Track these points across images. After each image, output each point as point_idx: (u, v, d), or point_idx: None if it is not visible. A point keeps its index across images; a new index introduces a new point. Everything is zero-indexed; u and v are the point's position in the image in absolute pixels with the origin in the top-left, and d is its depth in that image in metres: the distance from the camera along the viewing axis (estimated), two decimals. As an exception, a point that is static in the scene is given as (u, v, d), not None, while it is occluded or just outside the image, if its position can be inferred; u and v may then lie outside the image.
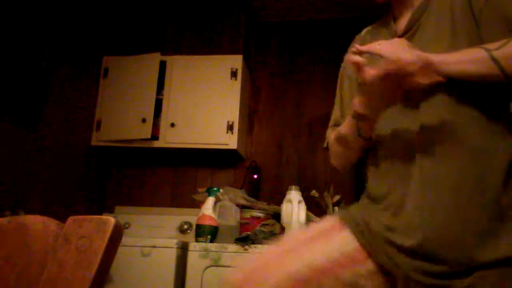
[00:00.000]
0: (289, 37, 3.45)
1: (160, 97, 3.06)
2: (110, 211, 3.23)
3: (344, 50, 1.22)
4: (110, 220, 0.68)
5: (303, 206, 2.53)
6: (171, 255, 2.48)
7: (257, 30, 3.48)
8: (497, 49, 0.94)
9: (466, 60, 0.96)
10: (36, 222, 0.74)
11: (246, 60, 3.18)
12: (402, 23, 1.15)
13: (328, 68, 3.28)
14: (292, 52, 3.42)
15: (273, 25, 3.49)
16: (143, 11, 3.32)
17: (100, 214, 3.07)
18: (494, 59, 0.93)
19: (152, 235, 2.87)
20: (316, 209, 2.80)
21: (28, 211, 2.41)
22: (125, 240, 1.96)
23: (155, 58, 3.07)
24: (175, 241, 2.53)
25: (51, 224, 0.73)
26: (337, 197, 2.78)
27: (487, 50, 0.94)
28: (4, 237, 0.75)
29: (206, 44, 3.15)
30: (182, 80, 3.08)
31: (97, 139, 3.09)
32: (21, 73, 2.50)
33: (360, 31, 1.33)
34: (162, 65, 3.09)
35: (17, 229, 0.75)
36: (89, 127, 3.09)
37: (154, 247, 2.51)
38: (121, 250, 0.72)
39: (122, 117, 3.05)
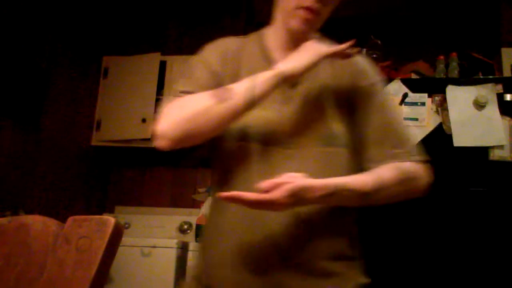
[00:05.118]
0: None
1: (160, 97, 3.05)
2: (110, 211, 3.23)
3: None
4: (110, 220, 0.68)
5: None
6: (171, 255, 2.48)
7: (257, 31, 3.47)
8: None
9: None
10: (36, 222, 0.74)
11: (246, 60, 3.18)
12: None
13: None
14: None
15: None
16: (143, 11, 3.31)
17: (100, 214, 3.07)
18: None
19: (152, 235, 2.87)
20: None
21: (28, 211, 2.41)
22: (125, 240, 1.96)
23: (155, 58, 3.07)
24: (175, 241, 2.53)
25: (51, 224, 0.73)
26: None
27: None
28: (5, 237, 0.75)
29: (206, 44, 3.14)
30: (182, 80, 3.08)
31: (97, 139, 3.09)
32: (21, 73, 2.50)
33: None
34: (162, 65, 3.09)
35: (17, 229, 0.75)
36: (89, 127, 3.08)
37: (154, 247, 2.51)
38: (121, 250, 0.72)
39: (122, 117, 3.05)
